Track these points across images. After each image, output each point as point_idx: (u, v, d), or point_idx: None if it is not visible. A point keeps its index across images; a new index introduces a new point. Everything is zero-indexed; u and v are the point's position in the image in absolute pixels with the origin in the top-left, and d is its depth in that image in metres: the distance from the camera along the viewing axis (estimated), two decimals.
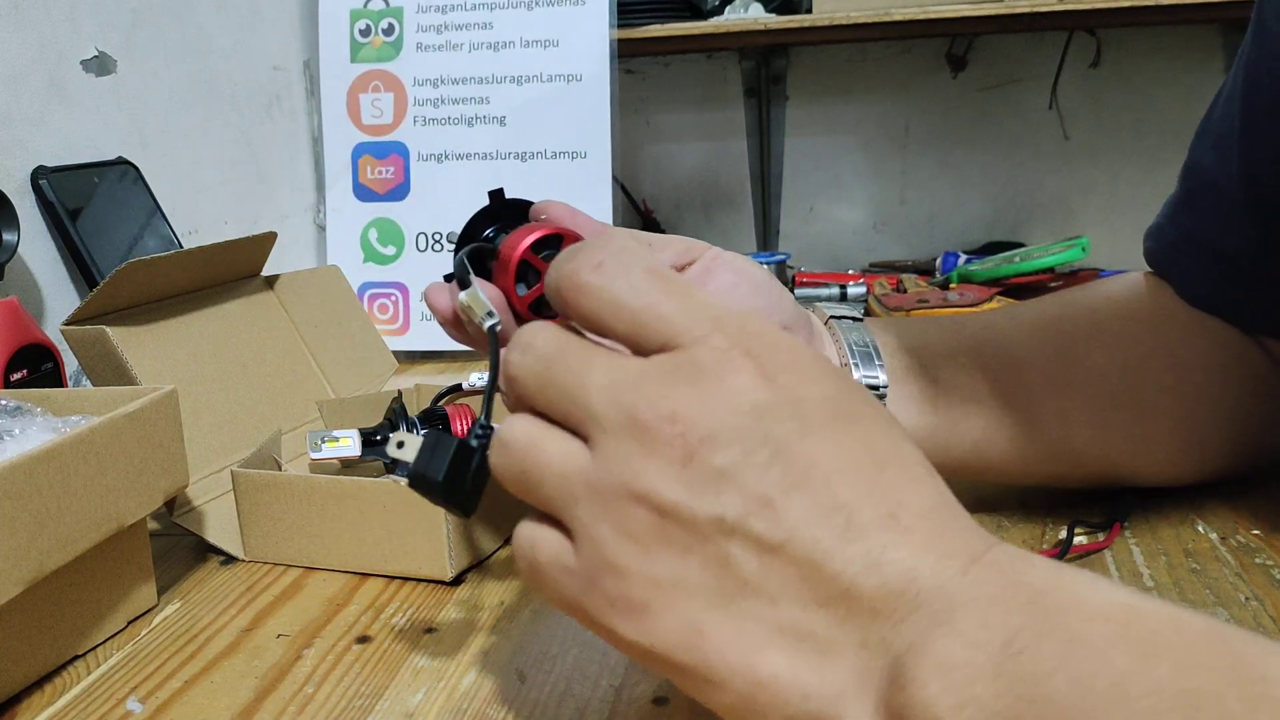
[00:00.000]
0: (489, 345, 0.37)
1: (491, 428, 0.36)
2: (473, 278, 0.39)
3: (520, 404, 0.32)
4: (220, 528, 0.56)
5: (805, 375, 0.30)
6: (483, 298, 0.38)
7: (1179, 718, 0.22)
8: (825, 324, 0.47)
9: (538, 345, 0.31)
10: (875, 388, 0.46)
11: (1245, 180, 0.49)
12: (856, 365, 0.46)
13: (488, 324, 0.37)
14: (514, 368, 0.32)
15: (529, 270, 0.39)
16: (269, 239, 0.69)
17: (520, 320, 0.42)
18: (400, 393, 0.66)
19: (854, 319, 0.48)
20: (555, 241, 0.39)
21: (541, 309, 0.40)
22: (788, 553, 0.28)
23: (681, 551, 0.28)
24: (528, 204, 0.42)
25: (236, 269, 0.69)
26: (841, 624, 0.27)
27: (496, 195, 0.41)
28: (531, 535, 0.31)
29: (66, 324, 0.57)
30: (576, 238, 0.39)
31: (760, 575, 0.28)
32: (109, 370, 0.58)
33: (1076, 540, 0.49)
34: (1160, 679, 0.23)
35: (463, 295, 0.38)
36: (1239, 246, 0.50)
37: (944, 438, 0.48)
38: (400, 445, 0.35)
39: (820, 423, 0.29)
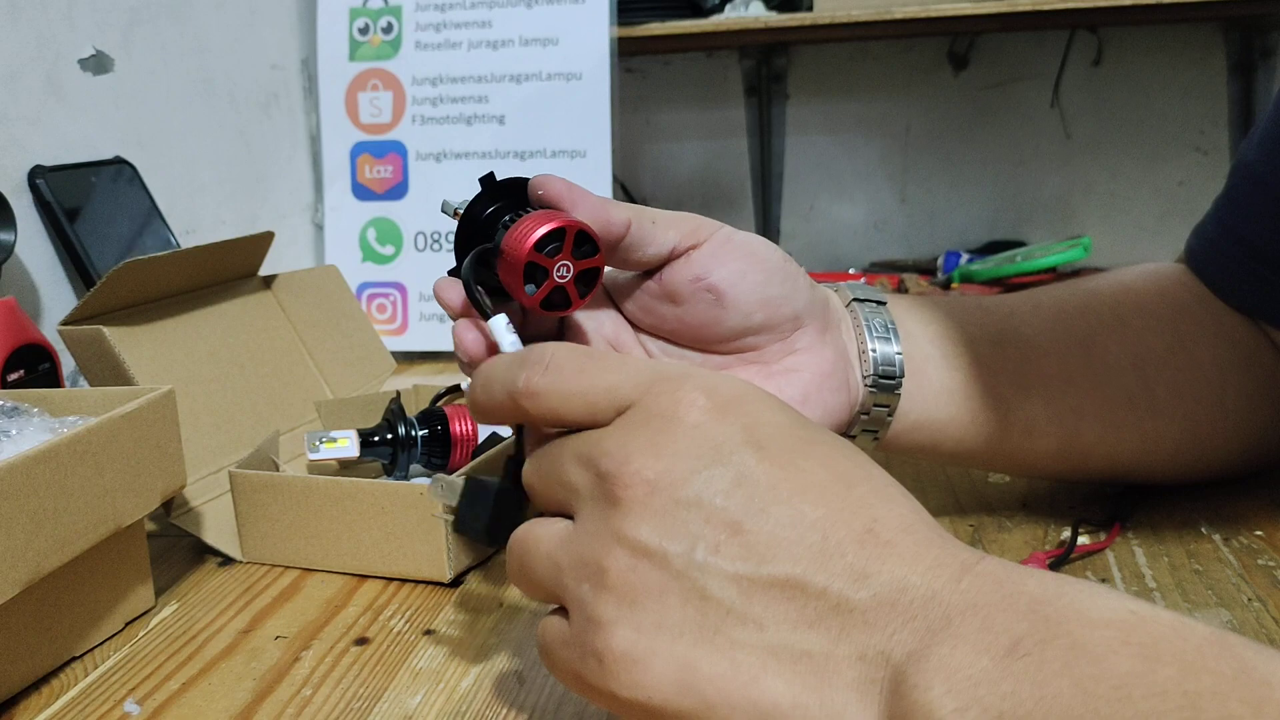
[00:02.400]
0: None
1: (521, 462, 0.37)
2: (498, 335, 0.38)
3: (538, 506, 0.34)
4: (218, 529, 0.56)
5: (757, 406, 0.31)
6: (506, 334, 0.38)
7: (1182, 718, 0.22)
8: (847, 306, 0.47)
9: (535, 452, 0.34)
10: (891, 375, 0.45)
11: None
12: (874, 349, 0.45)
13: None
14: (525, 476, 0.34)
15: (536, 270, 0.39)
16: (266, 238, 0.69)
17: (529, 317, 0.42)
18: (399, 393, 0.65)
19: (878, 302, 0.47)
20: (559, 235, 0.38)
21: (552, 305, 0.40)
22: (766, 575, 0.28)
23: (659, 592, 0.28)
24: (523, 181, 0.41)
25: (234, 269, 0.69)
26: (837, 640, 0.27)
27: (487, 181, 0.41)
28: (542, 624, 0.32)
29: (63, 324, 0.57)
30: (577, 227, 0.38)
31: (743, 602, 0.28)
32: (106, 370, 0.57)
33: (1078, 540, 0.49)
34: (1163, 681, 0.23)
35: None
36: (1276, 240, 0.50)
37: (957, 429, 0.48)
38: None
39: (779, 446, 0.29)
